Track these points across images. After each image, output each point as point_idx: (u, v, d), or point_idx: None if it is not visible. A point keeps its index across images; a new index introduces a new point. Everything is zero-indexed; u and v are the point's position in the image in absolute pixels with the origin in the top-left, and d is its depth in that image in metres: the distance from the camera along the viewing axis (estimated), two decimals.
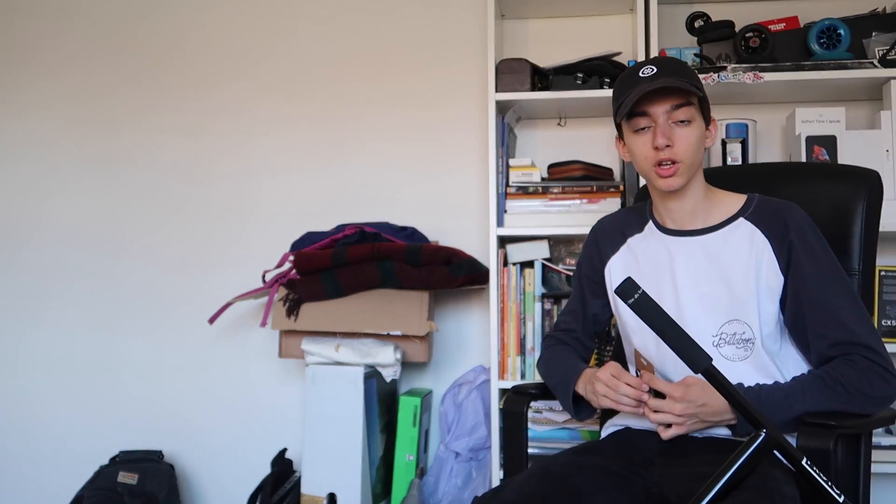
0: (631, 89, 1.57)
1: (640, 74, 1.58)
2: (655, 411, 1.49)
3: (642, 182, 2.43)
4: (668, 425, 1.50)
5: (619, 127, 1.67)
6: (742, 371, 1.56)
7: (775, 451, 1.30)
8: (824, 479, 1.23)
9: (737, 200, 1.66)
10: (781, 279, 1.57)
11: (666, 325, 1.31)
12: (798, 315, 1.56)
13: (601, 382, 1.56)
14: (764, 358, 1.56)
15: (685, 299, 1.61)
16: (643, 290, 1.32)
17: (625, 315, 1.71)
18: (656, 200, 1.70)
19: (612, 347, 2.09)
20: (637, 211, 1.79)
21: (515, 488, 1.46)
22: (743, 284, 1.57)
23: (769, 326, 1.57)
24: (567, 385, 1.68)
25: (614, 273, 1.76)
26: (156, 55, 3.03)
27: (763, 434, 1.25)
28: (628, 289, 1.33)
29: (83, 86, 3.07)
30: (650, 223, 1.73)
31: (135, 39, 3.05)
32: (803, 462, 1.24)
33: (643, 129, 1.59)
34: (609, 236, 1.78)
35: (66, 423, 3.00)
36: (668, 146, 1.56)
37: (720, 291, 1.59)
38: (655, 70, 1.57)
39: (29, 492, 3.00)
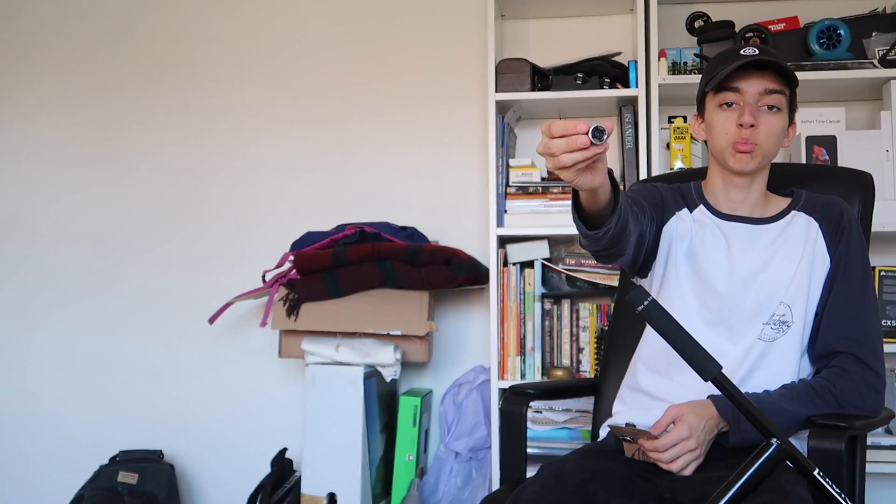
0: (729, 63, 1.55)
1: (742, 52, 1.56)
2: (671, 463, 1.45)
3: (642, 177, 2.43)
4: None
5: (701, 103, 1.65)
6: (763, 351, 1.55)
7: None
8: (837, 490, 1.23)
9: (783, 198, 1.67)
10: (828, 265, 1.58)
11: (676, 332, 1.30)
12: (824, 304, 1.57)
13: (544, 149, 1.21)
14: (794, 345, 1.56)
15: (741, 287, 1.59)
16: (653, 298, 1.31)
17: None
18: (718, 185, 1.66)
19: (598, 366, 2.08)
20: (682, 190, 1.71)
21: (530, 499, 1.42)
22: (796, 271, 1.57)
23: (810, 315, 1.58)
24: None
25: (673, 231, 1.65)
26: (157, 58, 3.03)
27: (774, 444, 1.25)
28: (637, 297, 1.32)
29: (85, 87, 3.07)
30: (701, 206, 1.68)
31: (137, 42, 3.05)
32: (815, 472, 1.23)
33: (730, 104, 1.57)
34: (671, 194, 1.69)
35: (66, 422, 3.00)
36: (752, 126, 1.55)
37: (778, 280, 1.58)
38: (757, 53, 1.55)
39: (29, 491, 3.01)
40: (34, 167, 3.08)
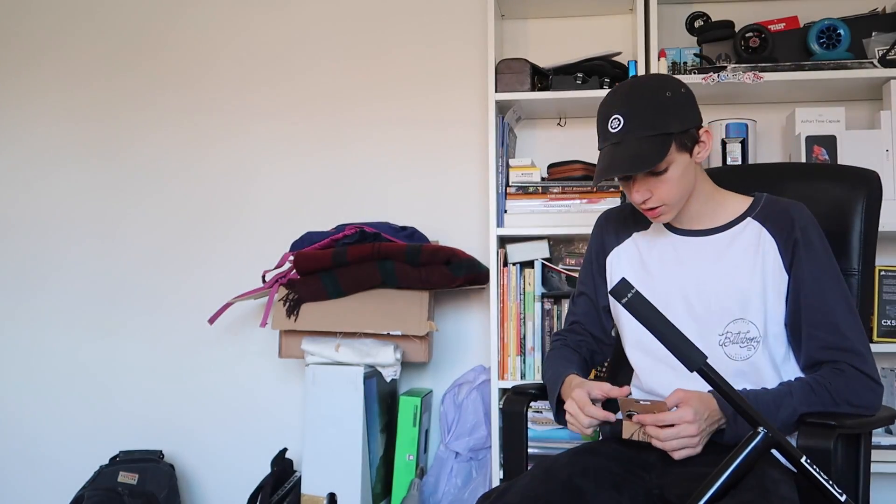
0: (602, 143, 1.57)
1: (610, 129, 1.54)
2: (667, 442, 1.44)
3: None
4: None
5: None
6: (741, 370, 1.56)
7: (774, 451, 1.29)
8: (825, 477, 1.23)
9: (744, 201, 1.66)
10: (786, 277, 1.57)
11: (660, 323, 1.31)
12: (796, 315, 1.56)
13: (568, 413, 1.56)
14: (766, 359, 1.56)
15: (693, 299, 1.61)
16: (636, 290, 1.32)
17: (623, 318, 1.71)
18: None
19: (606, 366, 2.07)
20: None
21: (519, 491, 1.45)
22: (749, 283, 1.57)
23: (776, 326, 1.57)
24: (552, 392, 1.68)
25: (615, 265, 1.75)
26: (158, 62, 3.03)
27: (762, 432, 1.24)
28: (622, 289, 1.33)
29: (79, 82, 3.07)
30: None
31: (132, 34, 3.05)
32: (802, 460, 1.23)
33: (625, 177, 1.58)
34: (613, 228, 1.78)
35: (66, 423, 3.00)
36: (647, 198, 1.57)
37: (728, 291, 1.58)
38: (622, 124, 1.52)
39: (29, 491, 3.01)
40: (28, 163, 3.08)
